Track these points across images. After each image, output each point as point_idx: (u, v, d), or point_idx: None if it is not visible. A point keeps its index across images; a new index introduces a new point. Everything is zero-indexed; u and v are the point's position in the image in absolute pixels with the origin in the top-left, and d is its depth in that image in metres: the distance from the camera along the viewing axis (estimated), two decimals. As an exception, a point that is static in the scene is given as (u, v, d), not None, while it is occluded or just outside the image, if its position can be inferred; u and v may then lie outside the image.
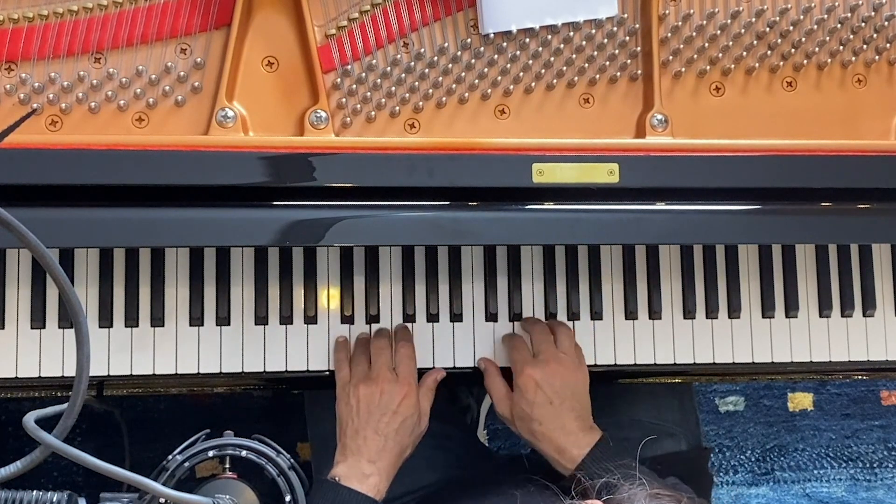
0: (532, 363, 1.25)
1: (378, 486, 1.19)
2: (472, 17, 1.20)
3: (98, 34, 1.14)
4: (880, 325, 1.37)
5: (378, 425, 1.21)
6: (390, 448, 1.21)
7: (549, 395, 1.23)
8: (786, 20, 1.23)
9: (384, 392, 1.22)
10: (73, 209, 1.11)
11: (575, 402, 1.24)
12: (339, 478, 1.18)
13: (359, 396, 1.22)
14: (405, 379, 1.24)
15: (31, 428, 0.73)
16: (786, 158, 1.19)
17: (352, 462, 1.19)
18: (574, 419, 1.23)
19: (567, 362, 1.26)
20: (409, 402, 1.23)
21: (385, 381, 1.23)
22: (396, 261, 1.32)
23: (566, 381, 1.24)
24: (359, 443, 1.20)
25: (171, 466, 0.91)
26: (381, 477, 1.20)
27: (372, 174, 1.14)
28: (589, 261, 1.34)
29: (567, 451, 1.21)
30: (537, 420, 1.23)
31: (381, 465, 1.20)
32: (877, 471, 2.10)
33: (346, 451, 1.21)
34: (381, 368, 1.24)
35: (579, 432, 1.22)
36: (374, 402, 1.22)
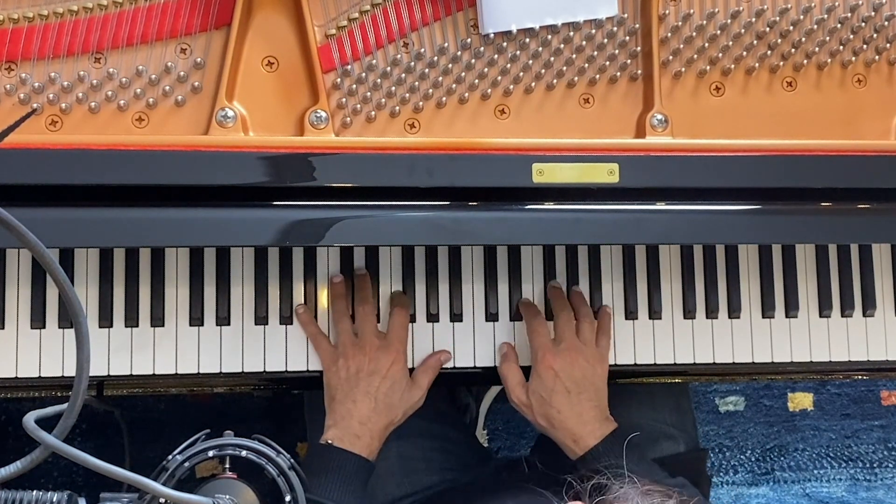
0: (553, 351, 1.25)
1: (370, 447, 1.20)
2: (472, 17, 1.20)
3: (98, 34, 1.14)
4: (880, 325, 1.37)
5: (368, 388, 1.22)
6: (380, 410, 1.22)
7: (567, 384, 1.23)
8: (786, 20, 1.23)
9: (372, 359, 1.23)
10: (73, 209, 1.11)
11: (593, 393, 1.25)
12: (332, 441, 1.19)
13: (347, 364, 1.23)
14: (394, 345, 1.25)
15: (31, 428, 0.73)
16: (786, 158, 1.19)
17: (342, 425, 1.20)
18: (591, 409, 1.23)
19: (587, 353, 1.26)
20: (397, 368, 1.24)
21: (373, 347, 1.24)
22: (396, 261, 1.32)
23: (585, 372, 1.25)
24: (348, 406, 1.21)
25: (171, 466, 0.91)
26: (373, 438, 1.21)
27: (372, 174, 1.14)
28: (589, 261, 1.34)
29: (582, 440, 1.22)
30: (555, 408, 1.23)
31: (372, 427, 1.21)
32: (877, 471, 2.10)
33: (335, 415, 1.22)
34: (368, 335, 1.25)
35: (595, 422, 1.23)
36: (362, 367, 1.23)
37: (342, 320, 1.27)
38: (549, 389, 1.24)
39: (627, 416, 1.30)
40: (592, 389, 1.25)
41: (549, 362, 1.24)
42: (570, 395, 1.23)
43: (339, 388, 1.23)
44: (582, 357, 1.25)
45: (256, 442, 0.96)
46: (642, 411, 1.43)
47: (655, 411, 1.44)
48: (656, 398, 1.45)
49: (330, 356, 1.26)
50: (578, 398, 1.23)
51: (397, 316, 1.28)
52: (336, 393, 1.23)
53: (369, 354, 1.24)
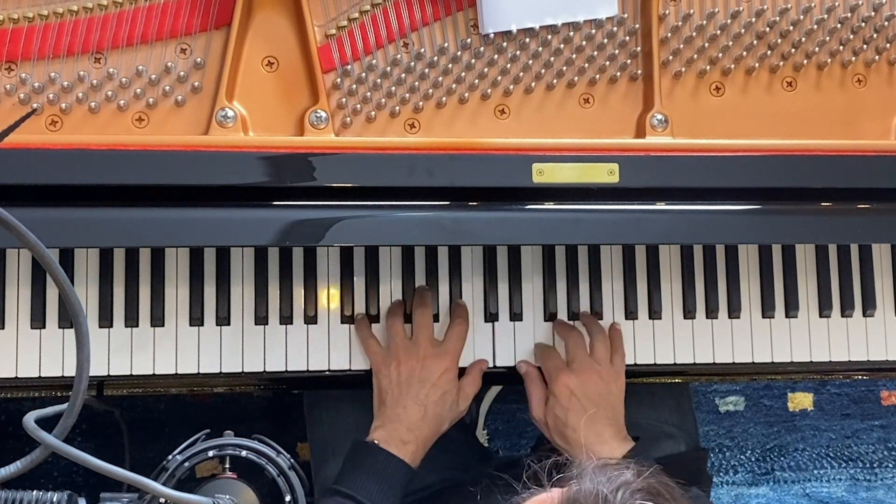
0: (566, 371, 1.26)
1: (415, 455, 1.21)
2: (472, 17, 1.20)
3: (98, 34, 1.14)
4: (880, 325, 1.37)
5: (418, 395, 1.22)
6: (429, 419, 1.22)
7: (583, 402, 1.23)
8: (786, 20, 1.23)
9: (425, 366, 1.24)
10: (73, 209, 1.11)
11: (609, 411, 1.24)
12: (378, 441, 1.19)
13: (399, 368, 1.24)
14: (449, 354, 1.26)
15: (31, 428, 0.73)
16: (786, 158, 1.19)
17: (390, 429, 1.21)
18: (608, 426, 1.23)
19: (602, 371, 1.26)
20: (449, 377, 1.24)
21: (427, 355, 1.24)
22: (396, 261, 1.32)
23: (600, 391, 1.25)
24: (398, 411, 1.21)
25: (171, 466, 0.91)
26: (419, 446, 1.21)
27: (372, 174, 1.14)
28: (589, 261, 1.34)
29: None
30: (571, 427, 1.23)
31: (420, 435, 1.21)
32: (877, 471, 2.10)
33: (384, 418, 1.22)
34: (423, 342, 1.25)
35: (613, 441, 1.22)
36: (414, 373, 1.23)
37: (396, 323, 1.27)
38: (564, 408, 1.24)
39: (628, 416, 1.30)
40: (609, 407, 1.25)
41: (565, 381, 1.24)
42: (586, 412, 1.23)
43: (390, 392, 1.23)
44: (597, 375, 1.25)
45: (256, 442, 0.96)
46: (643, 411, 1.42)
47: (656, 411, 1.44)
48: (657, 398, 1.45)
49: (381, 358, 1.26)
50: (596, 416, 1.23)
51: (458, 326, 1.28)
52: (386, 396, 1.24)
53: (422, 361, 1.24)
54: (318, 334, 1.30)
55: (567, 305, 1.33)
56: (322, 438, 1.40)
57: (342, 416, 1.38)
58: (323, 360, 1.30)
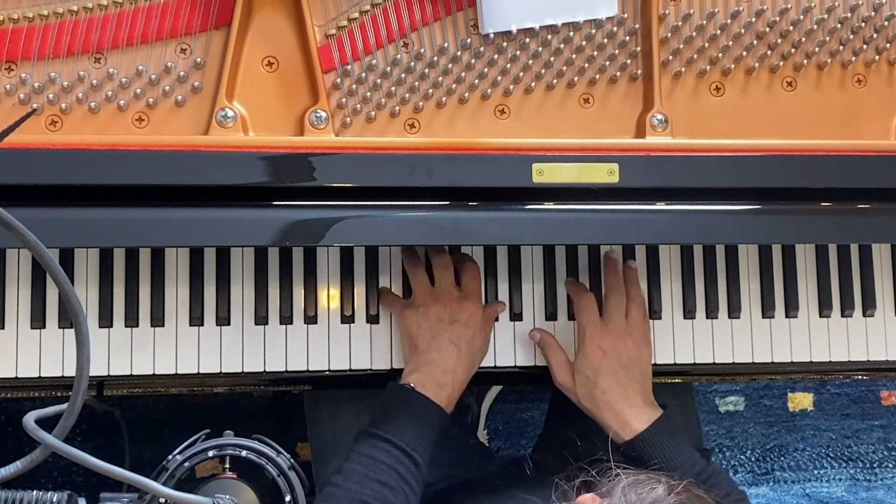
0: (602, 331, 1.25)
1: (450, 398, 1.21)
2: (472, 17, 1.20)
3: (98, 34, 1.14)
4: (880, 325, 1.37)
5: (451, 336, 1.22)
6: (463, 360, 1.22)
7: (614, 364, 1.23)
8: (786, 20, 1.23)
9: (453, 309, 1.24)
10: (73, 209, 1.11)
11: (639, 375, 1.24)
12: (415, 385, 1.19)
13: (428, 313, 1.24)
14: (472, 295, 1.26)
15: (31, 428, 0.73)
16: (786, 158, 1.19)
17: (426, 372, 1.21)
18: (638, 391, 1.22)
19: (636, 335, 1.26)
20: (476, 318, 1.25)
21: (452, 298, 1.25)
22: (396, 261, 1.32)
23: (632, 355, 1.24)
24: (432, 355, 1.21)
25: (171, 466, 0.91)
26: (454, 389, 1.21)
27: (372, 174, 1.14)
28: (589, 261, 1.34)
29: (629, 424, 1.20)
30: (601, 388, 1.22)
31: (455, 378, 1.21)
32: (877, 471, 2.10)
33: (418, 362, 1.22)
34: (448, 287, 1.26)
35: (643, 406, 1.21)
36: (443, 317, 1.24)
37: (418, 271, 1.28)
38: (595, 369, 1.23)
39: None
40: (639, 372, 1.24)
41: (598, 341, 1.24)
42: (617, 375, 1.22)
43: (421, 337, 1.23)
44: (630, 339, 1.25)
45: (256, 442, 0.96)
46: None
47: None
48: (660, 398, 1.44)
49: (406, 305, 1.26)
50: (626, 379, 1.22)
51: (470, 269, 1.28)
52: (418, 342, 1.23)
53: (450, 305, 1.24)
54: (318, 334, 1.30)
55: (567, 305, 1.33)
56: (322, 438, 1.40)
57: (342, 415, 1.38)
58: (323, 360, 1.30)
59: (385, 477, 1.13)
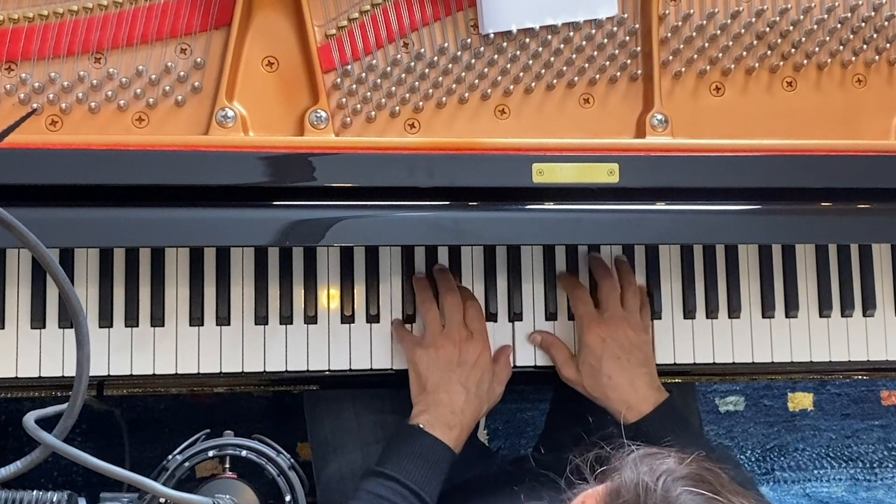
0: (598, 320, 1.26)
1: (458, 439, 1.21)
2: (472, 17, 1.20)
3: (98, 34, 1.14)
4: (880, 325, 1.37)
5: (461, 378, 1.23)
6: (472, 402, 1.23)
7: (616, 350, 1.24)
8: (786, 20, 1.23)
9: (462, 350, 1.24)
10: (73, 209, 1.11)
11: (643, 358, 1.25)
12: (423, 426, 1.20)
13: (438, 354, 1.24)
14: (479, 335, 1.27)
15: (31, 428, 0.73)
16: (786, 158, 1.19)
17: (435, 413, 1.21)
18: (643, 375, 1.24)
19: (633, 321, 1.27)
20: (485, 358, 1.26)
21: (462, 339, 1.25)
22: (396, 261, 1.32)
23: (632, 339, 1.25)
24: (441, 396, 1.22)
25: (171, 466, 0.91)
26: (462, 430, 1.22)
27: (372, 174, 1.14)
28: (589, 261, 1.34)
29: (636, 407, 1.21)
30: (606, 374, 1.23)
31: (464, 419, 1.22)
32: (877, 471, 2.10)
33: (427, 403, 1.22)
34: (456, 326, 1.26)
35: (648, 389, 1.23)
36: (453, 358, 1.24)
37: (430, 309, 1.28)
38: (597, 356, 1.24)
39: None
40: (641, 356, 1.25)
41: (596, 330, 1.25)
42: (619, 360, 1.23)
43: (430, 378, 1.24)
44: (628, 325, 1.26)
45: (256, 442, 0.96)
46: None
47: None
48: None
49: (417, 345, 1.26)
50: (629, 363, 1.24)
51: (473, 308, 1.29)
52: (427, 382, 1.24)
53: (459, 345, 1.25)
54: (318, 334, 1.30)
55: (567, 305, 1.33)
56: (323, 438, 1.40)
57: (343, 415, 1.38)
58: (323, 360, 1.30)
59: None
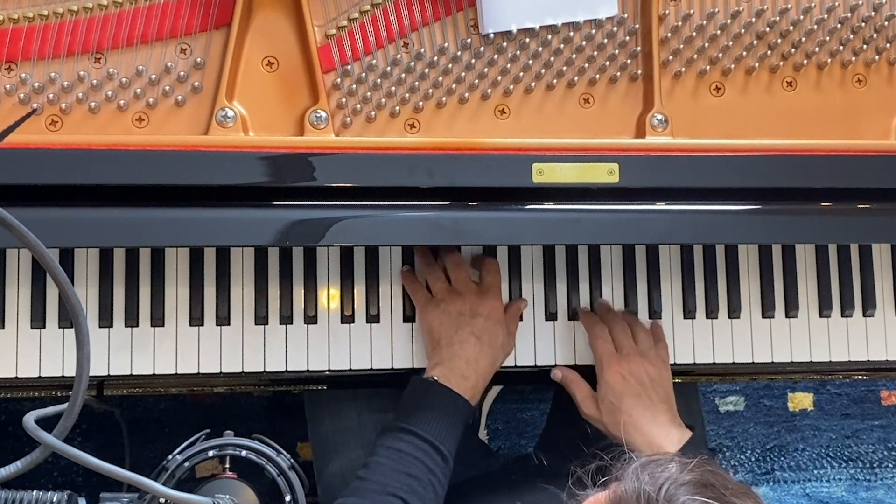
0: (617, 358, 1.25)
1: (475, 389, 1.21)
2: (472, 17, 1.20)
3: (98, 34, 1.14)
4: (880, 325, 1.37)
5: (473, 329, 1.23)
6: (486, 352, 1.23)
7: (636, 387, 1.23)
8: (786, 20, 1.24)
9: (473, 303, 1.25)
10: (73, 209, 1.11)
11: (664, 395, 1.24)
12: (438, 378, 1.20)
13: (448, 309, 1.24)
14: (491, 288, 1.27)
15: (31, 428, 0.73)
16: (786, 158, 1.19)
17: (450, 365, 1.21)
18: (664, 412, 1.22)
19: (650, 357, 1.26)
20: (497, 311, 1.26)
21: (470, 292, 1.26)
22: (396, 261, 1.32)
23: (651, 375, 1.25)
24: (455, 348, 1.22)
25: (171, 466, 0.91)
26: (478, 380, 1.22)
27: (372, 174, 1.14)
28: (589, 261, 1.34)
29: (659, 446, 1.19)
30: (626, 412, 1.22)
31: (479, 369, 1.22)
32: (877, 471, 2.10)
33: (441, 356, 1.22)
34: (464, 281, 1.27)
35: (670, 426, 1.21)
36: (464, 311, 1.24)
37: (433, 270, 1.28)
38: (618, 394, 1.23)
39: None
40: (662, 392, 1.24)
41: (616, 368, 1.24)
42: (640, 398, 1.22)
43: (443, 332, 1.24)
44: (647, 361, 1.25)
45: (256, 442, 0.96)
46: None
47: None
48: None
49: (429, 301, 1.26)
50: (650, 400, 1.23)
51: (489, 263, 1.29)
52: (440, 336, 1.24)
53: (469, 299, 1.25)
54: (318, 334, 1.30)
55: (567, 305, 1.33)
56: (324, 438, 1.39)
57: (344, 415, 1.38)
58: (323, 360, 1.30)
59: (412, 469, 1.13)
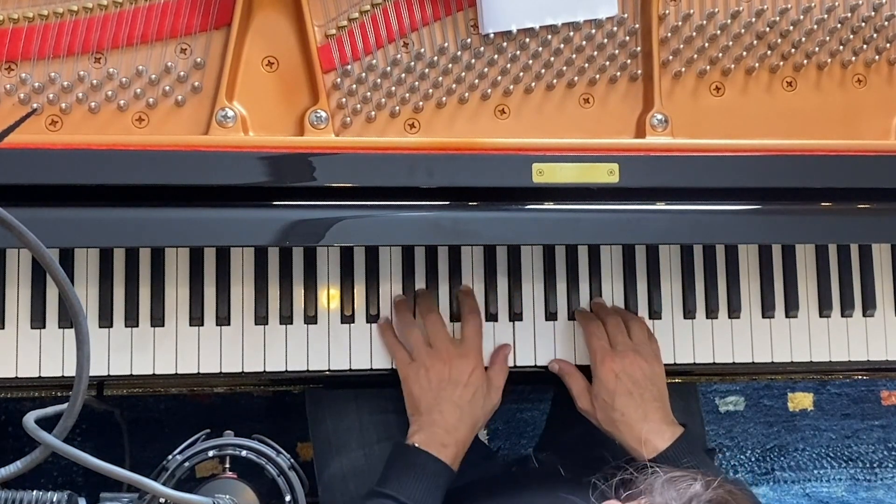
0: (611, 355, 1.25)
1: (455, 456, 1.21)
2: (472, 17, 1.20)
3: (98, 34, 1.14)
4: (880, 325, 1.37)
5: (452, 397, 1.23)
6: (466, 420, 1.23)
7: (629, 385, 1.23)
8: (786, 20, 1.24)
9: (453, 367, 1.24)
10: (73, 209, 1.11)
11: (656, 393, 1.24)
12: (419, 445, 1.20)
13: (429, 375, 1.24)
14: (471, 351, 1.26)
15: (31, 428, 0.73)
16: (786, 158, 1.19)
17: (429, 433, 1.21)
18: (656, 410, 1.23)
19: (644, 352, 1.26)
20: (478, 374, 1.25)
21: (451, 356, 1.25)
22: (396, 261, 1.32)
23: (645, 372, 1.25)
24: (434, 416, 1.22)
25: (171, 466, 0.91)
26: (458, 448, 1.22)
27: (372, 174, 1.14)
28: (589, 261, 1.34)
29: (650, 442, 1.20)
30: (619, 410, 1.22)
31: (458, 437, 1.22)
32: (877, 471, 2.10)
33: (421, 423, 1.23)
34: (443, 344, 1.26)
35: (662, 423, 1.21)
36: (444, 377, 1.24)
37: (412, 331, 1.27)
38: (610, 392, 1.23)
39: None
40: (655, 389, 1.24)
41: (609, 365, 1.24)
42: (632, 396, 1.23)
43: (423, 399, 1.24)
44: (641, 357, 1.25)
45: (256, 442, 0.96)
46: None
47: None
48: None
49: (409, 367, 1.26)
50: (642, 398, 1.23)
51: (471, 322, 1.28)
52: (420, 403, 1.24)
53: (448, 363, 1.24)
54: (318, 334, 1.30)
55: (567, 305, 1.33)
56: (325, 438, 1.40)
57: (344, 415, 1.38)
58: (323, 360, 1.30)
59: None
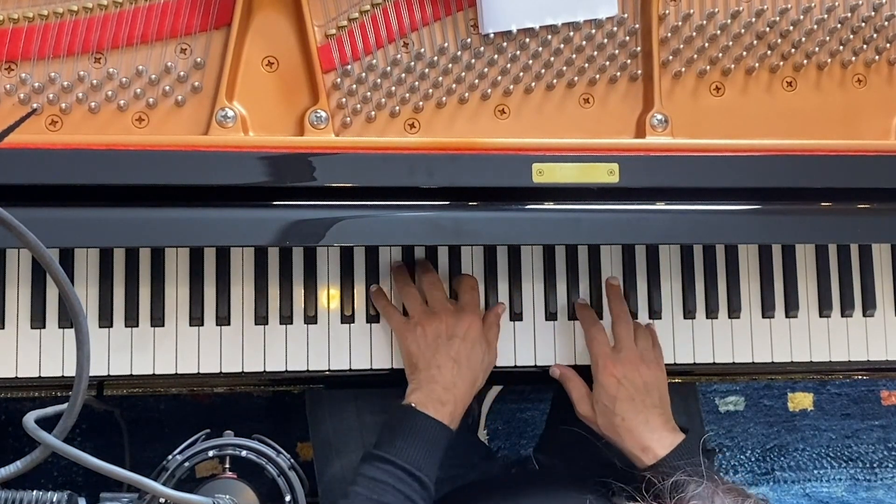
0: (613, 359, 1.25)
1: (453, 414, 1.20)
2: (472, 17, 1.20)
3: (98, 34, 1.14)
4: (880, 325, 1.37)
5: (449, 352, 1.22)
6: (464, 375, 1.22)
7: (630, 391, 1.23)
8: (786, 20, 1.24)
9: (449, 324, 1.24)
10: (73, 209, 1.11)
11: (657, 399, 1.24)
12: (415, 404, 1.19)
13: (425, 332, 1.24)
14: (468, 307, 1.26)
15: (31, 428, 0.73)
16: (786, 158, 1.19)
17: (427, 390, 1.20)
18: (657, 416, 1.22)
19: (647, 358, 1.26)
20: (475, 328, 1.25)
21: (447, 313, 1.25)
22: (396, 261, 1.32)
23: (647, 379, 1.24)
24: (433, 372, 1.21)
25: (171, 466, 0.91)
26: (457, 406, 1.21)
27: (372, 174, 1.14)
28: (589, 261, 1.34)
29: (651, 449, 1.19)
30: (619, 415, 1.22)
31: (457, 393, 1.21)
32: (877, 471, 2.10)
33: (419, 381, 1.22)
34: (440, 302, 1.26)
35: (663, 430, 1.21)
36: (441, 333, 1.23)
37: (409, 291, 1.28)
38: (612, 397, 1.23)
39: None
40: (657, 395, 1.24)
41: (611, 370, 1.24)
42: (634, 402, 1.22)
43: (421, 356, 1.23)
44: (643, 364, 1.25)
45: (256, 442, 0.96)
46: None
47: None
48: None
49: (405, 325, 1.26)
50: (643, 404, 1.22)
51: (465, 280, 1.29)
52: (418, 361, 1.23)
53: (445, 320, 1.24)
54: (318, 334, 1.30)
55: (567, 305, 1.33)
56: (325, 438, 1.39)
57: (345, 415, 1.38)
58: (323, 360, 1.30)
59: (389, 498, 1.13)
